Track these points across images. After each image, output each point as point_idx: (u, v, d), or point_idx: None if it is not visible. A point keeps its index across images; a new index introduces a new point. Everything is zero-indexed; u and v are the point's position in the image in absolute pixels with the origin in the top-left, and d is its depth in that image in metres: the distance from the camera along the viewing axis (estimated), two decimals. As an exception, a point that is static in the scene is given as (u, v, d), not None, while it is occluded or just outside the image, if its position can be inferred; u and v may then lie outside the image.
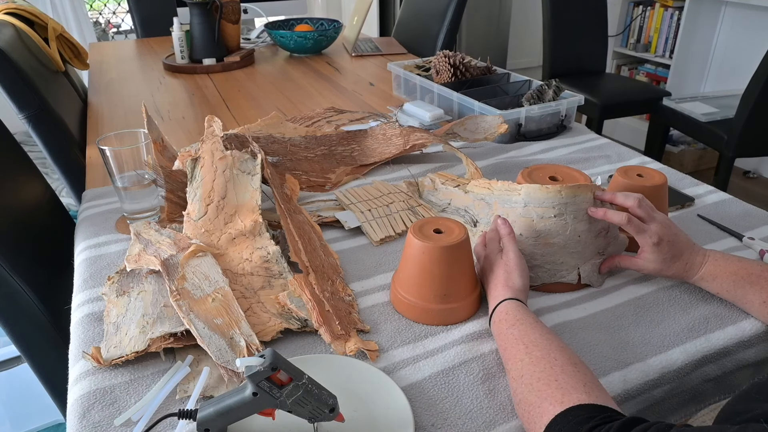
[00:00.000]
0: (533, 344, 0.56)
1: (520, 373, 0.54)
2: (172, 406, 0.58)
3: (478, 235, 0.79)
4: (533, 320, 0.60)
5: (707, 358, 0.65)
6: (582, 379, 0.51)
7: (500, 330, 0.61)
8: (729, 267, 0.68)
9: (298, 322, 0.67)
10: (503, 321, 0.61)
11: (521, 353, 0.56)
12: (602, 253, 0.74)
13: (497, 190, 0.77)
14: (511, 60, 4.02)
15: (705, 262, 0.69)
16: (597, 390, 0.50)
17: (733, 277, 0.67)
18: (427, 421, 0.56)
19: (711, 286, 0.69)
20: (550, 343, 0.56)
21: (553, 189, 0.68)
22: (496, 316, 0.63)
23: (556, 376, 0.51)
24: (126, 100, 1.52)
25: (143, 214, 0.87)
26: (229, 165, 0.82)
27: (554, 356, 0.54)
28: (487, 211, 0.79)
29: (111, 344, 0.64)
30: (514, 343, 0.57)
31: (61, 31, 1.60)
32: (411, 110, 1.31)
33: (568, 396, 0.49)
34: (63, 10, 3.31)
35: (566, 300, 0.72)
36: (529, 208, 0.70)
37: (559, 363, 0.53)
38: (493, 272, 0.68)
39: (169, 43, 2.07)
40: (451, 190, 0.88)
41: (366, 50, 2.00)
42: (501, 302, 0.63)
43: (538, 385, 0.52)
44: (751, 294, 0.66)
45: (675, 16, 3.07)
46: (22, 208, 1.01)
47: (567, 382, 0.50)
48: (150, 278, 0.72)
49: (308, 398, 0.50)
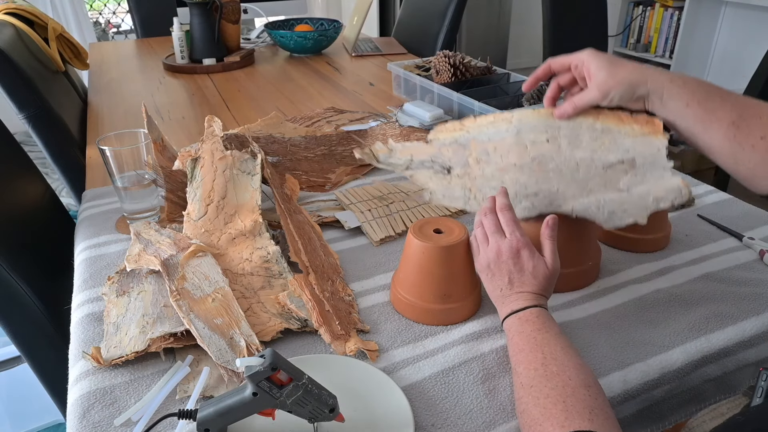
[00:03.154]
0: (552, 356, 0.54)
1: (530, 381, 0.53)
2: (172, 406, 0.58)
3: (455, 182, 0.74)
4: (558, 332, 0.58)
5: (707, 358, 0.65)
6: (590, 405, 0.50)
7: (522, 329, 0.59)
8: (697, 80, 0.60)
9: (298, 322, 0.67)
10: (529, 322, 0.59)
11: (537, 362, 0.54)
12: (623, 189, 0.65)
13: (476, 126, 0.73)
14: (511, 60, 4.02)
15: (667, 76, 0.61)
16: (602, 417, 0.49)
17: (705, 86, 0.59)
18: (427, 421, 0.56)
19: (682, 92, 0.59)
20: (569, 360, 0.54)
21: (544, 112, 0.67)
22: (524, 315, 0.60)
23: (565, 398, 0.50)
24: (126, 100, 1.52)
25: (143, 214, 0.87)
26: (229, 165, 0.82)
27: (569, 375, 0.52)
28: (462, 154, 0.74)
29: (111, 344, 0.64)
30: (534, 348, 0.56)
31: (61, 31, 1.60)
32: (411, 110, 1.31)
33: (570, 421, 0.48)
34: (63, 10, 3.31)
35: (566, 300, 0.72)
36: (521, 135, 0.68)
37: (572, 384, 0.51)
38: (524, 270, 0.62)
39: (169, 43, 2.07)
40: (408, 146, 0.79)
41: (366, 50, 2.00)
42: (533, 307, 0.60)
43: (545, 402, 0.51)
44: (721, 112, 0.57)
45: (675, 16, 3.07)
46: (22, 208, 1.01)
47: (574, 407, 0.49)
48: (150, 278, 0.72)
49: (308, 398, 0.50)
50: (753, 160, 0.54)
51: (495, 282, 0.64)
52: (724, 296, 0.73)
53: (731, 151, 0.56)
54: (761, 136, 0.54)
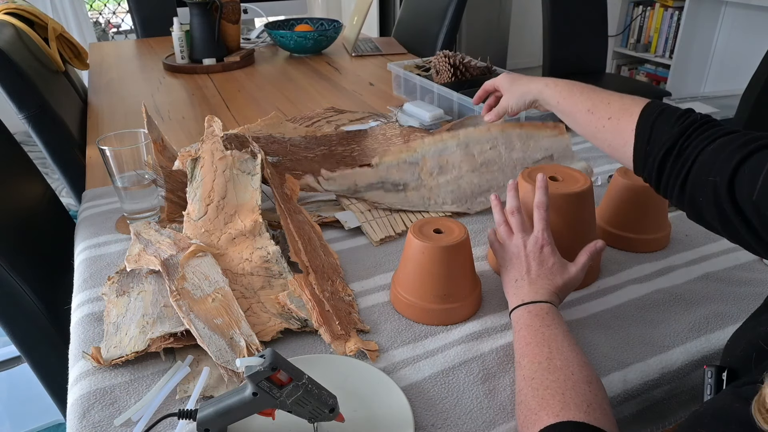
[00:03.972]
0: (558, 352, 0.55)
1: (532, 374, 0.54)
2: (172, 406, 0.58)
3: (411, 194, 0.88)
4: (567, 330, 0.58)
5: (708, 358, 0.65)
6: (588, 399, 0.50)
7: (531, 323, 0.59)
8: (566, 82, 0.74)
9: (298, 322, 0.67)
10: (539, 317, 0.59)
11: (542, 356, 0.55)
12: None
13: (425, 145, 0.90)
14: (511, 60, 4.02)
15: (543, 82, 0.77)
16: (599, 412, 0.49)
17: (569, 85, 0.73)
18: (427, 421, 0.56)
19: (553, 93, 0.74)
20: (575, 356, 0.55)
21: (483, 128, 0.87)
22: (534, 309, 0.61)
23: (565, 391, 0.51)
24: (126, 100, 1.52)
25: (143, 214, 0.87)
26: (229, 165, 0.82)
27: (572, 370, 0.53)
28: (412, 170, 0.89)
29: (111, 344, 0.64)
30: (541, 342, 0.56)
31: (61, 31, 1.60)
32: (411, 110, 1.31)
33: (566, 411, 0.48)
34: (63, 10, 3.31)
35: (566, 300, 0.72)
36: (470, 147, 0.88)
37: (573, 378, 0.52)
38: (543, 265, 0.65)
39: (169, 43, 2.07)
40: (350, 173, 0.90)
41: (366, 50, 2.00)
42: (544, 302, 0.62)
43: (543, 393, 0.51)
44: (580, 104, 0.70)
45: (675, 16, 3.07)
46: (22, 208, 1.01)
47: (572, 399, 0.50)
48: (150, 278, 0.72)
49: (308, 398, 0.50)
50: (606, 136, 0.66)
51: (512, 273, 0.66)
52: (724, 296, 0.73)
53: (592, 132, 0.69)
54: (608, 117, 0.66)
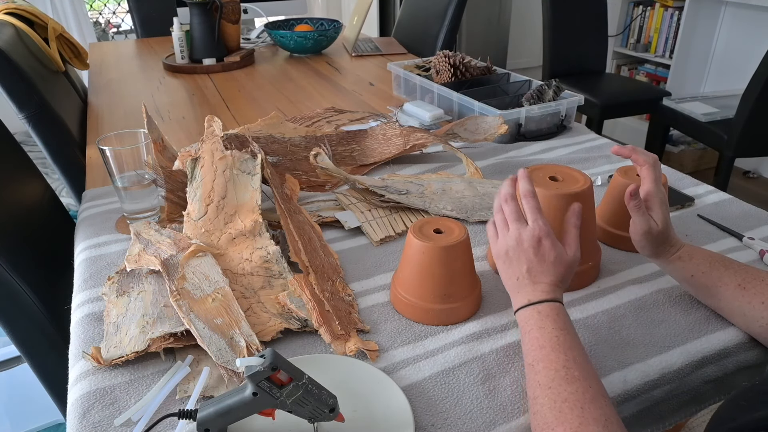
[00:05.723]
0: (575, 361, 0.54)
1: (548, 382, 0.53)
2: (172, 406, 0.58)
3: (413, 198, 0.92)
4: (576, 335, 0.57)
5: (707, 359, 0.65)
6: (606, 413, 0.49)
7: (543, 325, 0.57)
8: (704, 251, 0.69)
9: (298, 322, 0.67)
10: (550, 318, 0.58)
11: (559, 363, 0.54)
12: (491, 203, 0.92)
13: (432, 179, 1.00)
14: (511, 60, 4.02)
15: (682, 245, 0.70)
16: (616, 425, 0.49)
17: (709, 259, 0.67)
18: (427, 421, 0.56)
19: (688, 265, 0.68)
20: (590, 366, 0.54)
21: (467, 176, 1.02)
22: (543, 309, 0.59)
23: (584, 404, 0.50)
24: (126, 100, 1.52)
25: (143, 214, 0.87)
26: (229, 165, 0.82)
27: (590, 383, 0.52)
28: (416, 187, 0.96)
29: (111, 344, 0.64)
30: (557, 348, 0.55)
31: (61, 31, 1.60)
32: (411, 110, 1.31)
33: (585, 427, 0.48)
34: (63, 10, 3.31)
35: (567, 300, 0.72)
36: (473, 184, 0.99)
37: (592, 392, 0.51)
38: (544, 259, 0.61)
39: (169, 43, 2.07)
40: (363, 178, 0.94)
41: (366, 50, 2.00)
42: (553, 301, 0.60)
43: (562, 406, 0.50)
44: (727, 276, 0.66)
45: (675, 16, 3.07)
46: (22, 208, 1.01)
47: (591, 414, 0.49)
48: (150, 278, 0.72)
49: (308, 398, 0.50)
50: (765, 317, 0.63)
51: (512, 270, 0.63)
52: (724, 296, 0.73)
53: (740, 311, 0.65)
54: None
